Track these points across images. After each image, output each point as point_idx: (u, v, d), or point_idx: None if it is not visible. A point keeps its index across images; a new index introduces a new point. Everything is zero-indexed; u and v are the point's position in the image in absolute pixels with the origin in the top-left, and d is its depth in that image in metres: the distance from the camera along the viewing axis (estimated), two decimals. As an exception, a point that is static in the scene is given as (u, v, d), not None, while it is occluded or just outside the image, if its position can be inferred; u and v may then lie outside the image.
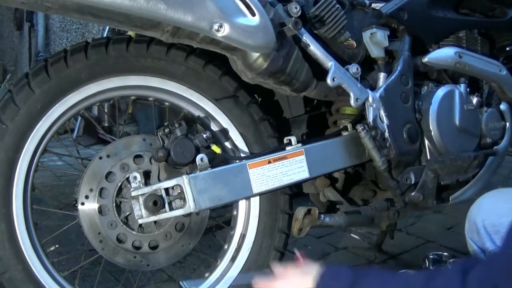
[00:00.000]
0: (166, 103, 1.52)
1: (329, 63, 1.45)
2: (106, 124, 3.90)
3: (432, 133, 1.65)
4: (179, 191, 1.40)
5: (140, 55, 1.41)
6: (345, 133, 1.60)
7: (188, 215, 1.47)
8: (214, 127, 1.52)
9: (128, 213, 1.44)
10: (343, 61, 1.51)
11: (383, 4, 1.65)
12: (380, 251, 2.33)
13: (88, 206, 1.41)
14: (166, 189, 1.40)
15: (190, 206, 1.39)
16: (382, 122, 1.56)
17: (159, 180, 1.44)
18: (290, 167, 1.48)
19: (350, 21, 1.58)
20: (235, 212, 1.59)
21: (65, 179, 3.20)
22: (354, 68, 1.51)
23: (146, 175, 1.44)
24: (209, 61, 1.48)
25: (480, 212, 0.84)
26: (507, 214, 0.81)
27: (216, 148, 1.45)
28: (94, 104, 1.46)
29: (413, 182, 1.64)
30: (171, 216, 1.42)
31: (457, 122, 1.71)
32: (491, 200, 0.82)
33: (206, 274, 1.58)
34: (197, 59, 1.47)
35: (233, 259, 1.57)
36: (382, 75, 1.61)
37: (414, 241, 2.45)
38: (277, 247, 1.59)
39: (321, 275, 0.93)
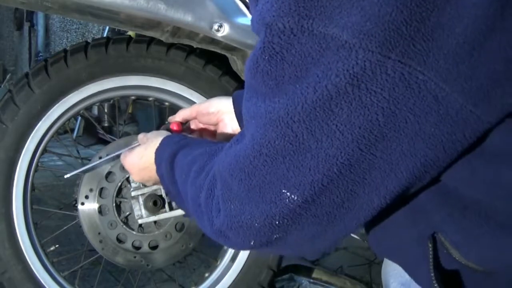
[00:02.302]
0: (166, 103, 1.52)
1: (329, 63, 1.45)
2: (106, 124, 3.89)
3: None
4: (179, 191, 1.40)
5: (140, 55, 1.41)
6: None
7: (188, 215, 1.47)
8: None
9: (128, 213, 1.44)
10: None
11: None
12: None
13: (88, 206, 1.41)
14: (166, 189, 1.39)
15: (190, 206, 1.38)
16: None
17: (159, 180, 1.44)
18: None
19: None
20: (235, 212, 1.59)
21: (65, 179, 3.20)
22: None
23: (146, 175, 1.44)
24: (209, 61, 1.48)
25: (388, 275, 0.78)
26: None
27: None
28: (94, 104, 1.46)
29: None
30: (171, 216, 1.42)
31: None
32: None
33: (206, 274, 1.58)
34: (197, 59, 1.47)
35: (233, 259, 1.56)
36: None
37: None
38: (277, 246, 1.59)
39: (159, 144, 0.90)
